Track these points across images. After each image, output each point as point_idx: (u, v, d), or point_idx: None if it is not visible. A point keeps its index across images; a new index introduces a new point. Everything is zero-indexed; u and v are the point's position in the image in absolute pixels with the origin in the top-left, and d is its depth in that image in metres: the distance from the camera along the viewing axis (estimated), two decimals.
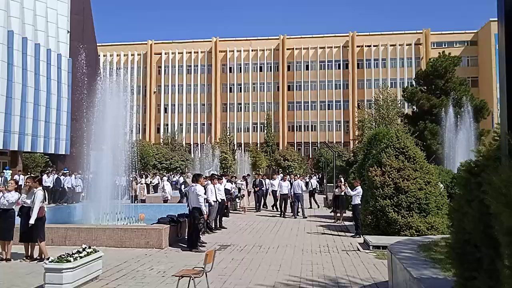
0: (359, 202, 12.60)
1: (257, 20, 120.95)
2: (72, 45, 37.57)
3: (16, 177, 20.63)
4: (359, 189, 12.67)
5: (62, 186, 22.91)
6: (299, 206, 17.54)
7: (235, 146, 63.73)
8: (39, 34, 33.80)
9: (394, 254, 6.16)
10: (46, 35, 34.64)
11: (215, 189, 13.34)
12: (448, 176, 16.14)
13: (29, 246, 8.97)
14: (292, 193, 17.49)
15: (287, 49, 69.56)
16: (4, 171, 26.90)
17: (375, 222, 11.92)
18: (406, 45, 66.95)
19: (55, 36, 35.73)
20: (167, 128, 70.14)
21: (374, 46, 67.60)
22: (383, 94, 39.88)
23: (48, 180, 22.31)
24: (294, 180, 18.24)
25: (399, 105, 42.13)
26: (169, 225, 10.80)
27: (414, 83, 41.59)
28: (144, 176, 25.90)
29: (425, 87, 37.79)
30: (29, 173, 31.77)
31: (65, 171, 25.39)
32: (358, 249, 10.38)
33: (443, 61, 36.50)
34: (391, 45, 67.14)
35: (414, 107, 38.82)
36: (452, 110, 28.23)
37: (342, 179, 17.29)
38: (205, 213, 10.68)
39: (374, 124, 36.27)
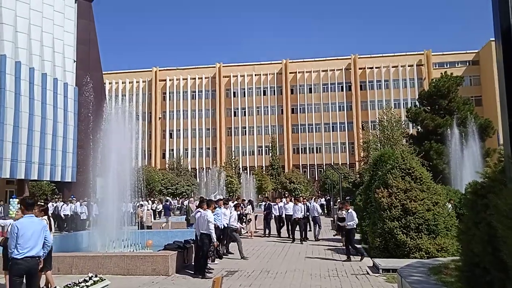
0: (354, 227, 12.79)
1: (259, 45, 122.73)
2: (78, 74, 38.23)
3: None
4: (353, 213, 12.78)
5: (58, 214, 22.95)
6: (318, 229, 17.75)
7: (241, 169, 63.69)
8: (46, 64, 34.44)
9: (404, 278, 6.07)
10: (53, 65, 35.30)
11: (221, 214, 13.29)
12: (456, 196, 15.98)
13: None
14: (306, 216, 17.60)
15: (290, 72, 70.31)
16: (11, 199, 26.97)
17: (384, 245, 11.76)
18: (408, 66, 67.49)
19: (62, 65, 36.39)
20: (173, 153, 70.39)
21: (376, 68, 68.20)
22: (387, 115, 39.99)
23: (67, 209, 22.38)
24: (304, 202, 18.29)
25: (404, 125, 42.18)
26: (176, 252, 10.72)
27: (417, 103, 41.70)
28: (150, 202, 25.91)
29: (429, 107, 37.87)
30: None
31: (72, 198, 25.45)
32: (368, 273, 10.23)
33: (446, 81, 36.69)
34: (393, 67, 67.71)
35: (419, 127, 38.82)
36: (457, 130, 28.19)
37: (339, 201, 17.47)
38: (214, 240, 10.57)
39: (379, 145, 36.26)
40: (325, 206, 35.21)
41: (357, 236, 16.85)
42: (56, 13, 35.92)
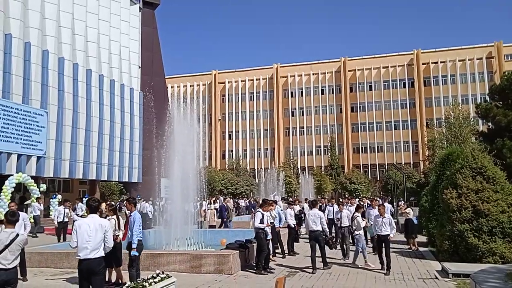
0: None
1: (316, 44, 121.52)
2: (143, 79, 40.08)
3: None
4: (391, 218, 11.11)
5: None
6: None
7: (299, 170, 63.38)
8: (113, 71, 36.43)
9: (479, 284, 5.70)
10: (120, 71, 37.26)
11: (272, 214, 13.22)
12: None
13: (107, 271, 9.41)
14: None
15: (349, 70, 68.90)
16: (84, 198, 28.74)
17: (453, 248, 11.16)
18: (477, 59, 63.62)
19: (128, 72, 38.31)
20: (232, 154, 71.56)
21: (441, 62, 65.00)
22: (455, 111, 37.91)
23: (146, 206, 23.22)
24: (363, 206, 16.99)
25: (473, 122, 39.75)
26: (237, 251, 10.87)
27: (488, 98, 39.11)
28: (213, 202, 26.46)
29: (501, 102, 35.30)
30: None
31: (138, 198, 26.64)
32: (436, 277, 9.74)
33: None
34: (459, 60, 64.12)
35: (490, 123, 36.36)
36: None
37: (402, 202, 16.39)
38: (263, 236, 10.61)
39: (445, 143, 34.48)
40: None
41: (424, 239, 16.15)
42: (122, 22, 37.91)
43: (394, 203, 31.08)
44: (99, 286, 6.01)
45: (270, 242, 11.38)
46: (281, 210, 15.41)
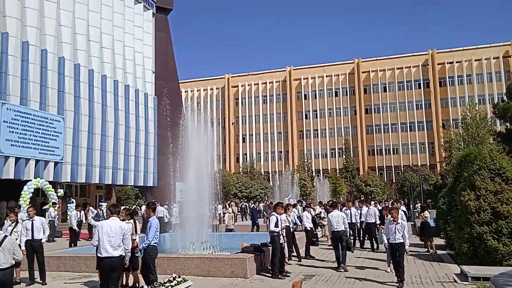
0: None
1: (329, 46, 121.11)
2: (157, 84, 40.46)
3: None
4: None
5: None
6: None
7: (313, 172, 63.09)
8: (128, 76, 36.85)
9: (499, 287, 5.59)
10: (134, 76, 37.67)
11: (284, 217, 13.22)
12: None
13: (124, 275, 9.49)
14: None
15: (363, 72, 68.45)
16: (101, 203, 29.09)
17: (472, 251, 10.97)
18: (493, 58, 62.61)
19: (142, 77, 38.72)
20: (246, 157, 71.65)
21: (457, 62, 64.17)
22: (471, 111, 37.33)
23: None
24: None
25: (490, 122, 39.07)
26: (253, 254, 10.85)
27: (505, 98, 38.41)
28: (228, 205, 26.54)
29: None
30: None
31: (153, 201, 26.77)
32: (455, 281, 9.58)
33: None
34: (476, 60, 63.19)
35: (508, 124, 35.70)
36: None
37: (419, 204, 16.07)
38: (277, 241, 10.58)
39: (462, 144, 33.97)
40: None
41: (441, 241, 15.90)
42: (136, 28, 38.36)
43: (411, 206, 30.70)
44: (115, 281, 6.77)
45: (286, 245, 11.34)
46: (297, 214, 15.31)
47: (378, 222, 15.17)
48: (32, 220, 10.04)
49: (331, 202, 15.76)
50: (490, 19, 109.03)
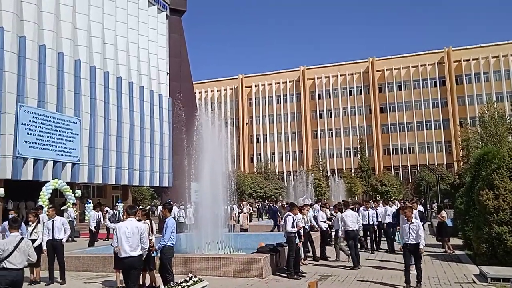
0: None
1: (343, 45, 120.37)
2: (171, 85, 40.73)
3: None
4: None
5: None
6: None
7: (328, 172, 62.80)
8: (143, 78, 37.17)
9: None
10: (149, 78, 37.98)
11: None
12: None
13: (141, 275, 9.57)
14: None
15: (377, 70, 67.89)
16: (117, 203, 29.40)
17: (491, 251, 10.78)
18: (511, 55, 61.43)
19: (156, 78, 39.02)
20: (260, 157, 71.68)
21: (473, 59, 63.18)
22: (489, 109, 36.73)
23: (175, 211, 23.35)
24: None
25: (509, 120, 38.39)
26: (268, 254, 10.85)
27: None
28: (243, 206, 26.54)
29: None
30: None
31: (168, 201, 26.94)
32: (474, 282, 9.43)
33: None
34: (493, 57, 62.12)
35: None
36: None
37: (435, 204, 15.71)
38: (293, 241, 10.55)
39: (480, 143, 33.44)
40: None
41: (459, 241, 15.67)
42: (150, 30, 38.67)
43: (427, 205, 30.31)
44: (135, 278, 7.11)
45: (301, 246, 11.31)
46: (314, 215, 15.09)
47: (393, 222, 14.92)
48: (53, 220, 10.22)
49: (344, 201, 15.64)
50: (508, 16, 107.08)
